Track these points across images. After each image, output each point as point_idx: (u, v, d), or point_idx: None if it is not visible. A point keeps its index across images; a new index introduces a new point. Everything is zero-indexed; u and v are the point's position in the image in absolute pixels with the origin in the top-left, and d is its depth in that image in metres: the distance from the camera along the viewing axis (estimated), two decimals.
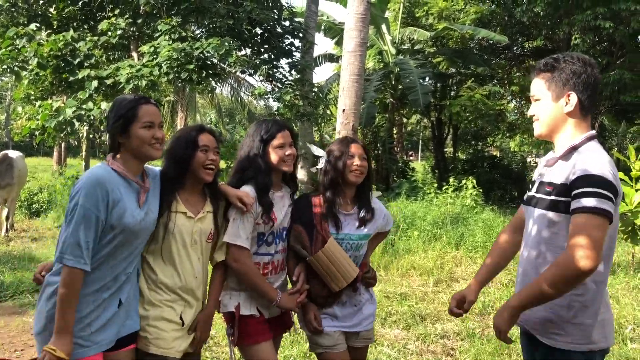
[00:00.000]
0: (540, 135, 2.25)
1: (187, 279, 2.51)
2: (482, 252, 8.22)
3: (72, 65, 9.64)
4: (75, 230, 2.12)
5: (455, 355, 4.54)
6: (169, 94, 21.31)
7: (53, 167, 23.09)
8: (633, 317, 5.43)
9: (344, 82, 8.58)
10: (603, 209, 1.92)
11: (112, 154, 2.35)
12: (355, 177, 2.80)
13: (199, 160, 2.51)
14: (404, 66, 16.95)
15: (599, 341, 2.09)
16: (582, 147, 2.10)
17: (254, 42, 12.48)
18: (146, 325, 2.43)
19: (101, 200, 2.16)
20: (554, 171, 2.17)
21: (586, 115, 2.17)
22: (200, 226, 2.54)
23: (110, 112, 2.38)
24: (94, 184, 2.17)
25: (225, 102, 34.36)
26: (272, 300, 2.68)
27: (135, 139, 2.30)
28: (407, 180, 15.64)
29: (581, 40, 14.67)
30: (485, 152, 23.44)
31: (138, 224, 2.28)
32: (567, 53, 2.20)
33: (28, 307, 5.65)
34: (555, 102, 2.16)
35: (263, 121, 2.85)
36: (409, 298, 6.06)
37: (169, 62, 9.29)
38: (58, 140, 10.53)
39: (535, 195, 2.23)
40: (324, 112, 13.47)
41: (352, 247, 2.83)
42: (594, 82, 2.13)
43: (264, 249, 2.73)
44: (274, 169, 2.74)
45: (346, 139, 2.93)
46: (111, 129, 2.33)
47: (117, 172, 2.29)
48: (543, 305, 2.10)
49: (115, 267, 2.28)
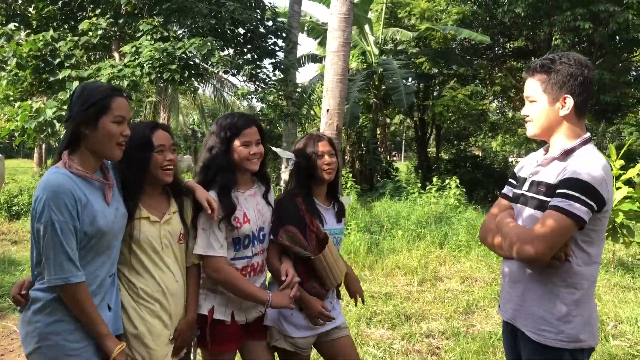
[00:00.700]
0: (533, 135, 2.24)
1: (168, 285, 2.40)
2: (465, 251, 8.27)
3: (52, 65, 9.50)
4: (61, 247, 1.97)
5: (440, 354, 4.56)
6: (151, 94, 21.09)
7: (34, 169, 22.78)
8: (615, 314, 5.50)
9: (328, 82, 8.58)
10: (572, 212, 1.96)
11: (67, 152, 2.11)
12: (328, 175, 2.78)
13: (156, 162, 2.36)
14: (387, 66, 17.01)
15: (587, 339, 2.11)
16: (578, 150, 2.12)
17: (237, 42, 12.42)
18: (134, 344, 2.31)
19: (72, 209, 2.00)
20: (548, 171, 2.17)
21: (581, 116, 2.17)
22: (167, 229, 2.41)
23: (77, 98, 2.12)
24: (58, 193, 1.98)
25: (208, 102, 34.16)
26: (264, 302, 2.55)
27: (102, 134, 2.08)
28: (391, 181, 15.70)
29: (561, 41, 14.83)
30: (468, 152, 23.58)
31: (111, 223, 2.14)
32: (562, 53, 2.17)
33: (8, 311, 5.55)
34: (551, 106, 2.14)
35: (229, 115, 2.70)
36: (394, 297, 6.07)
37: (151, 62, 9.21)
38: (38, 141, 10.36)
39: (527, 194, 2.24)
40: (307, 113, 13.47)
41: (337, 241, 2.84)
42: (589, 84, 2.13)
43: (241, 253, 2.62)
44: (238, 167, 2.60)
45: (312, 137, 2.84)
46: (76, 117, 2.08)
47: (76, 174, 2.08)
48: (535, 302, 2.15)
49: (99, 272, 2.15)
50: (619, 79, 16.22)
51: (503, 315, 2.36)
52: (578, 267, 2.08)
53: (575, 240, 2.07)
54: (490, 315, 5.51)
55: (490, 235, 2.30)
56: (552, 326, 2.10)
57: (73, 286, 2.00)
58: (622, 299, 6.11)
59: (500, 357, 4.31)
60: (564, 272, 2.08)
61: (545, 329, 2.12)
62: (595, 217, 2.04)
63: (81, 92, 2.13)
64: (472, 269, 7.37)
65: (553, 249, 2.00)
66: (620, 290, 6.53)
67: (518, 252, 2.07)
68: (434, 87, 21.06)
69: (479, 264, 7.56)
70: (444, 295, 6.19)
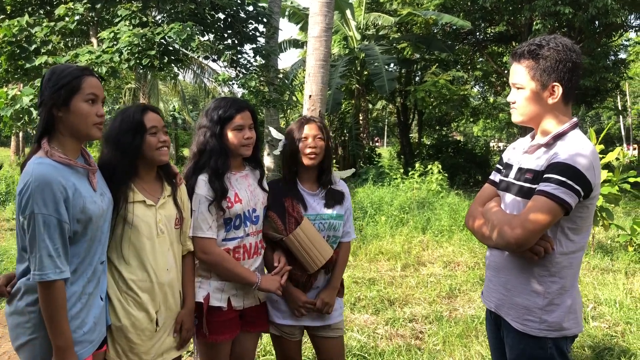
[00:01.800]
0: (519, 122, 2.18)
1: (159, 274, 2.33)
2: (447, 236, 8.34)
3: (28, 51, 9.30)
4: (42, 242, 1.91)
5: (423, 338, 4.59)
6: (130, 81, 20.82)
7: (11, 158, 22.40)
8: (594, 296, 5.59)
9: (310, 68, 8.52)
10: (558, 196, 1.93)
11: (46, 139, 2.04)
12: (309, 160, 2.72)
13: (151, 144, 2.30)
14: (369, 52, 16.96)
15: (571, 327, 2.10)
16: (565, 135, 2.06)
17: (217, 28, 12.25)
18: (117, 336, 2.26)
19: (58, 201, 1.93)
20: (534, 158, 2.13)
21: (568, 102, 2.12)
22: (163, 213, 2.37)
23: (47, 81, 2.05)
24: (44, 185, 1.91)
25: (188, 88, 33.85)
26: (252, 284, 2.55)
27: (75, 114, 2.02)
28: (373, 166, 15.73)
29: (542, 26, 14.94)
30: (450, 137, 23.75)
31: (100, 208, 2.10)
32: (550, 37, 2.09)
33: None
34: (539, 93, 2.07)
35: (221, 99, 2.66)
36: (377, 283, 6.10)
37: (130, 48, 9.06)
38: (15, 129, 10.18)
39: (513, 182, 2.19)
40: (289, 99, 13.39)
41: (326, 226, 2.77)
42: (578, 69, 2.06)
43: (232, 234, 2.59)
44: (231, 152, 2.59)
45: (302, 120, 2.81)
46: (48, 100, 2.01)
47: (60, 162, 2.01)
48: (519, 291, 2.14)
49: (92, 258, 2.11)
50: (598, 64, 16.41)
51: (487, 304, 2.35)
52: (562, 255, 2.05)
53: (560, 227, 2.04)
54: (473, 299, 5.57)
55: (474, 222, 2.28)
56: (535, 315, 2.09)
57: (49, 284, 1.93)
58: (601, 281, 6.21)
59: (483, 340, 4.36)
60: (547, 261, 2.06)
61: (529, 319, 2.11)
62: (582, 204, 2.01)
63: (51, 75, 2.06)
64: (455, 254, 7.44)
65: (536, 233, 1.96)
66: (599, 272, 6.64)
67: (500, 236, 2.04)
68: (415, 73, 21.10)
69: (462, 249, 7.63)
70: (427, 280, 6.24)
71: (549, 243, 2.03)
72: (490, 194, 2.35)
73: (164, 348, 2.41)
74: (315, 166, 2.77)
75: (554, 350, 2.10)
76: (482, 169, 19.18)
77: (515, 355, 2.18)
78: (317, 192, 2.82)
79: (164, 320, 2.39)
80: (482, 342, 4.33)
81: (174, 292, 2.43)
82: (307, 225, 2.68)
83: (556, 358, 2.10)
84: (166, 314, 2.39)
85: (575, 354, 4.18)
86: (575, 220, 2.04)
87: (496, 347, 2.38)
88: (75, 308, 2.04)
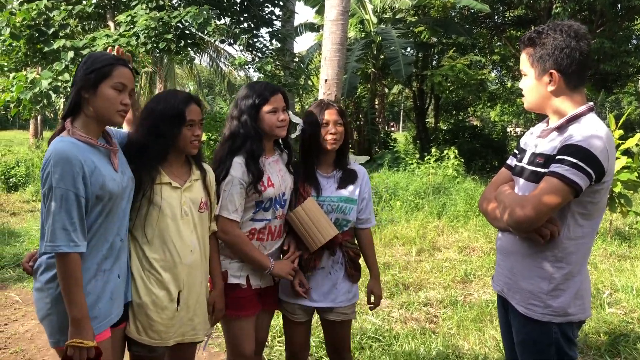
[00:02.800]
0: (528, 109, 2.21)
1: (182, 254, 2.38)
2: (463, 221, 8.31)
3: (47, 35, 9.37)
4: (57, 214, 1.98)
5: (438, 322, 4.61)
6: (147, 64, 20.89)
7: (30, 141, 22.66)
8: (610, 283, 5.56)
9: (326, 52, 8.48)
10: (568, 177, 1.91)
11: (70, 119, 2.14)
12: (330, 146, 2.74)
13: (186, 137, 2.37)
14: (385, 36, 16.80)
15: (577, 313, 2.09)
16: (578, 119, 2.04)
17: (234, 11, 12.23)
18: (137, 312, 2.32)
19: (76, 176, 2.00)
20: (546, 143, 2.12)
21: (576, 88, 2.08)
22: (188, 196, 2.42)
23: (82, 64, 2.15)
24: (64, 161, 1.99)
25: (204, 72, 33.88)
26: (265, 268, 2.62)
27: (101, 99, 2.10)
28: (389, 151, 15.66)
29: (562, 9, 14.67)
30: (467, 122, 23.52)
31: (120, 186, 2.16)
32: (552, 24, 2.07)
33: (9, 281, 5.59)
34: (538, 80, 2.09)
35: (255, 84, 2.73)
36: (392, 267, 6.12)
37: (147, 31, 9.08)
38: (34, 112, 10.28)
39: (526, 167, 2.19)
40: (305, 83, 13.34)
41: (334, 209, 2.77)
42: (580, 56, 2.02)
43: (260, 215, 2.66)
44: (266, 135, 2.64)
45: (320, 104, 2.82)
46: (79, 81, 2.11)
47: (82, 141, 2.10)
48: (524, 276, 2.14)
49: (109, 235, 2.16)
50: (619, 48, 16.08)
51: (495, 288, 2.37)
52: (568, 240, 2.04)
53: (570, 211, 2.02)
54: (488, 284, 5.57)
55: (487, 204, 2.29)
56: (540, 300, 2.09)
57: (63, 255, 1.98)
58: (618, 267, 6.17)
59: (497, 325, 4.36)
60: (553, 246, 2.05)
61: (534, 303, 2.11)
62: (594, 189, 1.99)
63: (87, 59, 2.16)
64: (470, 239, 7.42)
65: (544, 214, 1.96)
66: (616, 259, 6.59)
67: (510, 216, 2.04)
68: (432, 57, 20.88)
69: (477, 234, 7.61)
70: (441, 265, 6.25)
71: (556, 227, 2.02)
72: (505, 178, 2.35)
73: (185, 329, 2.45)
74: (335, 150, 2.79)
75: (559, 335, 2.09)
76: (499, 155, 19.00)
77: (520, 338, 2.20)
78: (331, 174, 2.83)
79: (186, 301, 2.42)
80: (496, 327, 4.34)
81: (197, 274, 2.46)
82: (311, 204, 2.70)
83: (562, 343, 2.10)
84: (188, 295, 2.42)
85: (590, 340, 4.17)
86: (586, 205, 2.02)
87: (505, 331, 2.40)
88: (90, 284, 2.10)
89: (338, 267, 2.83)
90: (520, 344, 2.21)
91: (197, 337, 2.52)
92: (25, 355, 4.03)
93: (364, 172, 2.93)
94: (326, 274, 2.81)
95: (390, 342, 4.11)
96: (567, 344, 2.11)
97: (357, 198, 2.84)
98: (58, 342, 2.09)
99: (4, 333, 4.39)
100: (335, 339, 2.95)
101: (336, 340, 2.95)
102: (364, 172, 2.93)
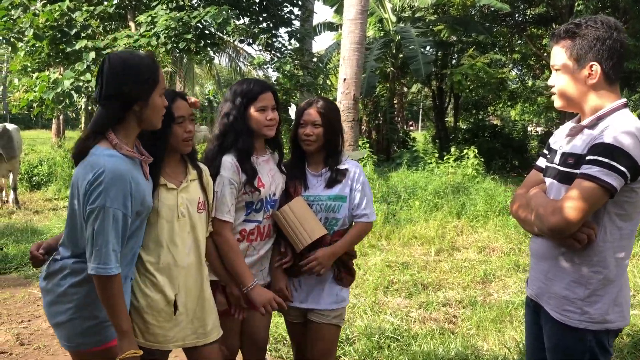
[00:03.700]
0: (560, 107, 2.11)
1: (178, 257, 2.31)
2: (483, 221, 8.24)
3: (69, 36, 9.52)
4: (110, 235, 1.95)
5: (457, 322, 4.58)
6: (167, 64, 21.09)
7: (52, 140, 23.00)
8: (633, 285, 5.46)
9: (345, 51, 8.48)
10: (600, 179, 1.84)
11: (111, 130, 2.03)
12: (306, 146, 2.70)
13: (178, 135, 2.30)
14: (405, 35, 16.71)
15: (615, 320, 2.00)
16: (610, 115, 1.96)
17: (253, 11, 12.29)
18: (134, 316, 2.27)
19: (127, 195, 1.98)
20: (577, 141, 2.04)
21: (612, 82, 2.01)
22: (185, 197, 2.34)
23: (126, 71, 2.00)
24: (117, 180, 1.95)
25: (223, 72, 34.04)
26: (244, 286, 2.51)
27: (153, 109, 2.05)
28: (408, 151, 15.58)
29: (584, 7, 14.45)
30: (487, 121, 23.29)
31: (153, 197, 2.18)
32: (589, 17, 2.01)
33: (33, 278, 5.68)
34: (577, 74, 1.99)
35: (244, 81, 2.67)
36: (411, 267, 6.09)
37: (167, 31, 9.19)
38: (56, 112, 10.46)
39: (556, 167, 2.11)
40: (324, 82, 13.35)
41: (323, 208, 2.71)
42: (620, 48, 1.97)
43: (251, 217, 2.62)
44: (254, 133, 2.58)
45: (306, 103, 2.77)
46: (131, 92, 1.99)
47: (127, 156, 2.04)
48: (560, 280, 2.06)
49: (136, 246, 2.18)
50: None
51: (528, 292, 2.29)
52: (605, 243, 1.95)
53: (607, 212, 1.94)
54: (508, 285, 5.52)
55: (517, 208, 2.22)
56: (576, 306, 2.01)
57: (111, 277, 1.97)
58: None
59: (517, 326, 4.32)
60: (589, 250, 1.96)
61: (569, 309, 2.02)
62: (630, 187, 1.90)
63: (123, 66, 2.01)
64: (490, 239, 7.36)
65: (578, 220, 1.88)
66: (639, 259, 6.47)
67: (542, 223, 1.97)
68: (452, 55, 20.71)
69: (497, 234, 7.54)
70: (461, 265, 6.20)
71: (593, 230, 1.94)
72: (536, 179, 2.27)
73: (186, 333, 2.38)
74: (319, 149, 2.73)
75: (593, 343, 2.00)
76: (519, 154, 18.78)
77: (552, 344, 2.12)
78: (320, 172, 2.76)
79: (185, 304, 2.35)
80: (516, 328, 4.30)
81: (194, 276, 2.39)
82: (298, 204, 2.64)
83: (596, 351, 2.00)
84: (187, 298, 2.36)
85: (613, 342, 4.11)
86: (623, 206, 1.94)
87: (532, 335, 2.32)
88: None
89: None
90: (552, 350, 2.13)
91: (199, 340, 2.43)
92: (48, 351, 4.09)
93: (354, 168, 2.79)
94: (314, 275, 2.71)
95: (409, 342, 4.09)
96: (602, 353, 2.02)
97: (346, 195, 2.74)
98: (79, 346, 2.09)
99: (27, 329, 4.47)
100: (317, 343, 2.78)
101: (318, 345, 2.78)
102: (354, 167, 2.80)
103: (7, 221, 8.46)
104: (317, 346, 2.78)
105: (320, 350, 2.78)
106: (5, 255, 6.33)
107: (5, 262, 6.14)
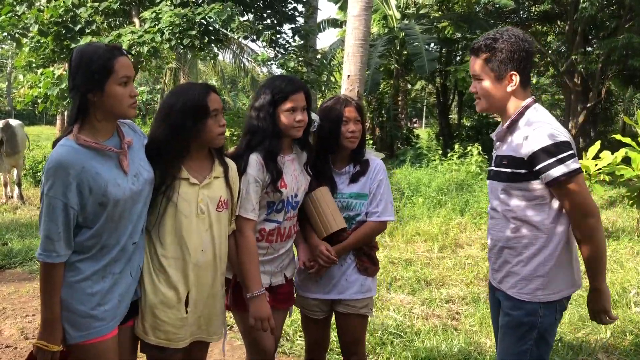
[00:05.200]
0: (483, 110, 2.38)
1: (193, 254, 2.26)
2: (486, 218, 8.22)
3: (73, 32, 9.55)
4: (45, 223, 1.96)
5: (460, 319, 4.59)
6: (171, 60, 21.10)
7: (57, 136, 23.05)
8: (637, 282, 5.45)
9: (349, 48, 8.45)
10: (572, 168, 2.09)
11: (78, 122, 2.02)
12: (350, 144, 2.69)
13: (212, 129, 2.24)
14: (409, 31, 16.69)
15: (563, 289, 2.25)
16: (524, 115, 2.24)
17: (257, 7, 12.27)
18: (145, 312, 2.24)
19: (69, 185, 1.94)
20: (505, 144, 2.30)
21: (526, 86, 2.28)
22: (206, 193, 2.29)
23: (77, 66, 2.00)
24: (57, 169, 1.93)
25: (227, 69, 34.03)
26: (250, 291, 2.43)
27: (111, 98, 2.00)
28: (411, 148, 15.61)
29: (589, 4, 14.39)
30: (490, 118, 23.24)
31: (128, 191, 2.07)
32: (502, 30, 2.27)
33: (37, 273, 5.71)
34: (498, 83, 2.25)
35: (277, 77, 2.64)
36: (414, 264, 6.10)
37: (171, 28, 9.19)
38: (61, 108, 10.48)
39: (494, 169, 2.37)
40: (328, 79, 13.34)
41: (343, 205, 2.74)
42: (531, 56, 2.27)
43: (272, 216, 2.59)
44: (282, 133, 2.53)
45: (339, 100, 2.75)
46: (82, 85, 1.98)
47: (85, 146, 1.99)
48: (504, 262, 2.31)
49: (121, 238, 2.10)
50: None
51: (491, 281, 2.48)
52: (546, 222, 2.20)
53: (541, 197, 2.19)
54: None
55: None
56: (525, 281, 2.24)
57: (48, 264, 1.99)
58: None
59: None
60: (532, 230, 2.21)
61: (519, 285, 2.26)
62: None
63: (79, 58, 2.02)
64: None
65: (590, 197, 2.17)
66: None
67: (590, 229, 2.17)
68: (456, 52, 20.68)
69: None
70: (464, 262, 6.20)
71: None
72: None
73: (192, 329, 2.34)
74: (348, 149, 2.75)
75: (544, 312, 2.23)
76: None
77: (505, 321, 2.32)
78: (344, 170, 2.78)
79: (195, 302, 2.31)
80: None
81: (207, 274, 2.34)
82: (325, 192, 2.68)
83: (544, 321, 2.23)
84: (198, 296, 2.31)
85: (615, 339, 4.11)
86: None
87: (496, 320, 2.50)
88: (96, 286, 2.06)
89: (349, 259, 2.77)
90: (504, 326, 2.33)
91: (202, 337, 2.41)
92: None
93: (377, 163, 2.82)
94: (337, 266, 2.74)
95: (412, 339, 4.10)
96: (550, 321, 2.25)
97: (367, 192, 2.76)
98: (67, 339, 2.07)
99: (32, 324, 4.49)
100: (345, 334, 2.84)
101: (346, 336, 2.85)
102: (377, 163, 2.83)
103: (11, 216, 8.50)
104: (346, 337, 2.86)
105: (349, 340, 2.86)
106: (10, 250, 6.36)
107: (10, 257, 6.18)
